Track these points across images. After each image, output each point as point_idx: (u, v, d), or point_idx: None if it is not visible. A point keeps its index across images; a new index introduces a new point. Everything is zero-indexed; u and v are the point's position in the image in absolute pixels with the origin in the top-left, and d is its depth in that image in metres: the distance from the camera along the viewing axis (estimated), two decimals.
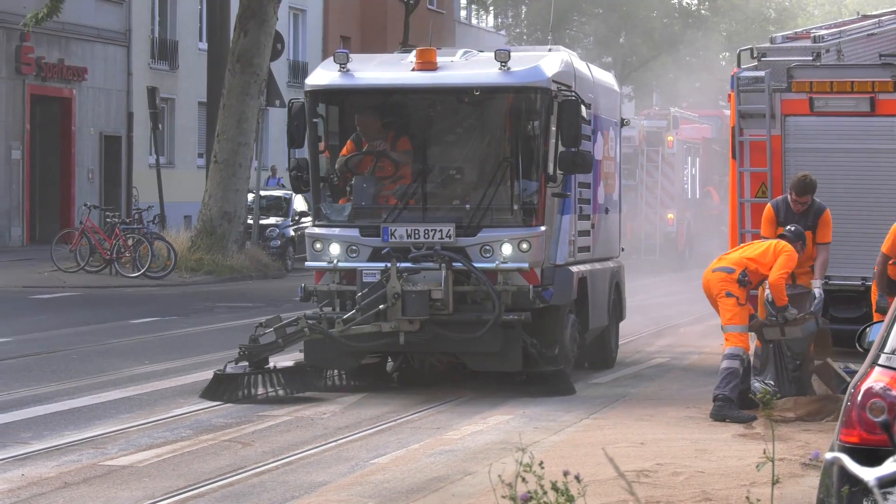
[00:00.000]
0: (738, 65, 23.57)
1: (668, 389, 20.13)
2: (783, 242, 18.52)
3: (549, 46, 22.54)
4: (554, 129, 20.10)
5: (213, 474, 14.62)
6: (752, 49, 23.77)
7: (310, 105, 20.50)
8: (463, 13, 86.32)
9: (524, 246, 19.69)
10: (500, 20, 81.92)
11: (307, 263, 20.88)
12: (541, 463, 6.53)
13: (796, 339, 18.45)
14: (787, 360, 18.62)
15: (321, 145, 20.66)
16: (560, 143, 20.03)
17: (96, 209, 43.91)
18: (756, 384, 18.40)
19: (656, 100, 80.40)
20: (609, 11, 75.02)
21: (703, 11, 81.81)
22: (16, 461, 15.09)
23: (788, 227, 18.91)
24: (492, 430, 17.33)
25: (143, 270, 39.28)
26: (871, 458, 7.36)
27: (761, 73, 22.62)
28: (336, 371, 20.47)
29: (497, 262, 19.59)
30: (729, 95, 23.97)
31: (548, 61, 20.68)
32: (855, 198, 21.09)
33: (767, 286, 18.48)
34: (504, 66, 19.84)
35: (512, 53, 19.97)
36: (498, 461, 14.69)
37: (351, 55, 20.72)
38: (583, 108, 20.41)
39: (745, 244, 19.76)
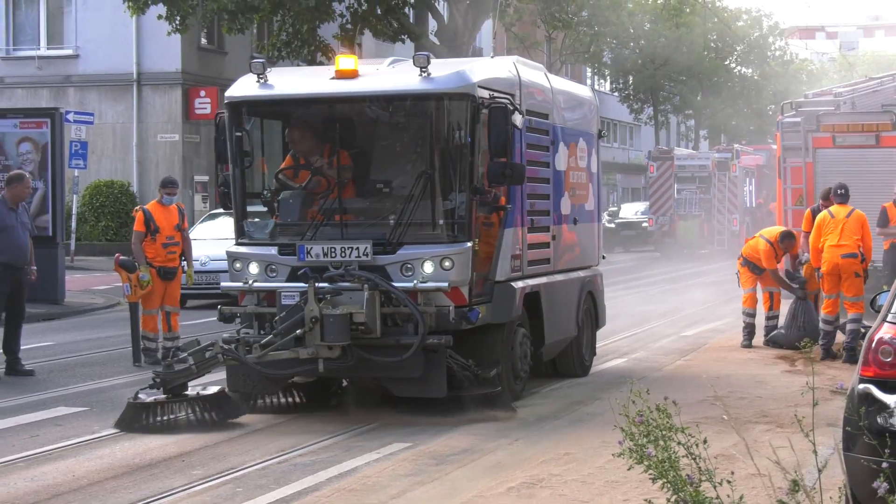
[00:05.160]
0: (781, 113, 23.71)
1: (734, 340, 19.82)
2: (860, 213, 17.71)
3: (491, 54, 16.48)
4: (483, 138, 13.39)
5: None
6: (791, 102, 23.95)
7: (229, 118, 13.90)
8: (588, 81, 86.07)
9: (447, 263, 13.11)
10: (614, 85, 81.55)
11: (222, 284, 14.56)
12: (647, 390, 6.44)
13: None
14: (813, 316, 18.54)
15: (247, 160, 14.10)
16: (489, 153, 13.41)
17: None
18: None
19: (724, 139, 79.75)
20: (690, 79, 74.61)
21: (755, 77, 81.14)
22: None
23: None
24: (612, 370, 17.20)
25: None
26: (883, 387, 7.37)
27: (798, 119, 22.71)
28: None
29: (415, 282, 13.07)
30: (776, 135, 24.10)
31: (475, 66, 13.94)
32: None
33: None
34: (424, 71, 13.30)
35: (437, 60, 13.85)
36: (617, 390, 14.57)
37: (275, 68, 14.52)
38: (517, 116, 13.58)
39: (842, 226, 17.40)
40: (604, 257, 17.91)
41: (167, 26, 34.36)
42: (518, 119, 13.65)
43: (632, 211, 57.94)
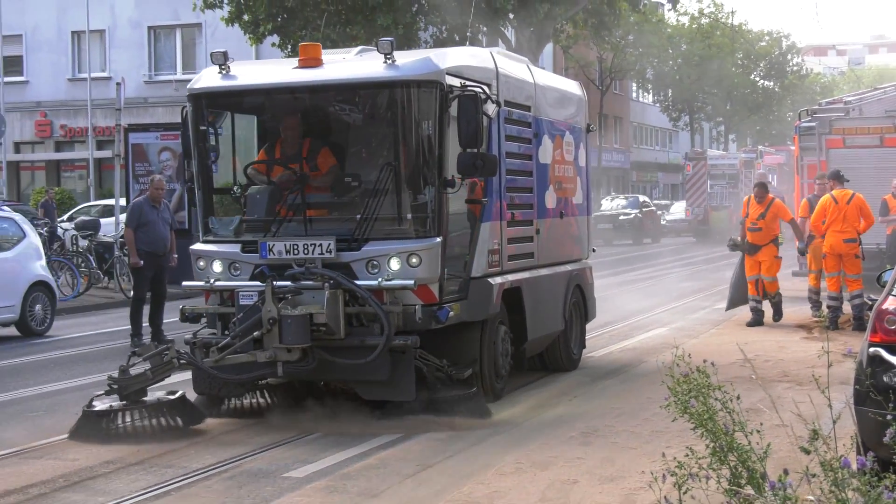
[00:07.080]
0: (799, 119, 23.53)
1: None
2: (860, 196, 17.33)
3: (466, 44, 12.47)
4: (453, 128, 10.69)
5: None
6: (807, 109, 23.73)
7: (192, 111, 11.34)
8: (634, 94, 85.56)
9: (414, 260, 10.44)
10: (655, 97, 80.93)
11: (184, 283, 11.70)
12: (689, 354, 6.43)
13: None
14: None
15: (211, 154, 11.47)
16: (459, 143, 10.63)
17: None
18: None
19: (749, 141, 79.03)
20: (720, 91, 73.98)
21: (776, 89, 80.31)
22: None
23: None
24: (654, 338, 17.09)
25: None
26: (890, 350, 7.31)
27: (813, 124, 22.54)
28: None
29: (380, 280, 10.42)
30: (794, 138, 23.89)
31: (443, 53, 11.14)
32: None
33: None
34: (389, 58, 10.64)
35: (412, 50, 10.89)
36: (660, 354, 14.52)
37: (239, 60, 11.78)
38: (491, 106, 11.12)
39: (845, 213, 17.10)
40: (594, 250, 15.18)
41: (280, 53, 34.61)
42: (491, 109, 11.20)
43: (609, 205, 54.33)
